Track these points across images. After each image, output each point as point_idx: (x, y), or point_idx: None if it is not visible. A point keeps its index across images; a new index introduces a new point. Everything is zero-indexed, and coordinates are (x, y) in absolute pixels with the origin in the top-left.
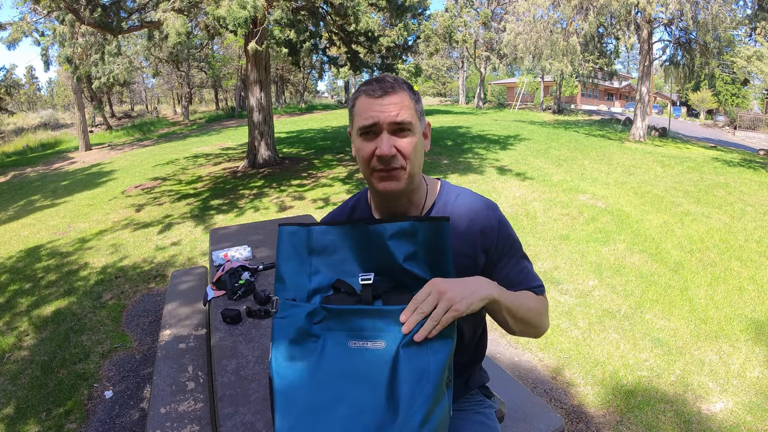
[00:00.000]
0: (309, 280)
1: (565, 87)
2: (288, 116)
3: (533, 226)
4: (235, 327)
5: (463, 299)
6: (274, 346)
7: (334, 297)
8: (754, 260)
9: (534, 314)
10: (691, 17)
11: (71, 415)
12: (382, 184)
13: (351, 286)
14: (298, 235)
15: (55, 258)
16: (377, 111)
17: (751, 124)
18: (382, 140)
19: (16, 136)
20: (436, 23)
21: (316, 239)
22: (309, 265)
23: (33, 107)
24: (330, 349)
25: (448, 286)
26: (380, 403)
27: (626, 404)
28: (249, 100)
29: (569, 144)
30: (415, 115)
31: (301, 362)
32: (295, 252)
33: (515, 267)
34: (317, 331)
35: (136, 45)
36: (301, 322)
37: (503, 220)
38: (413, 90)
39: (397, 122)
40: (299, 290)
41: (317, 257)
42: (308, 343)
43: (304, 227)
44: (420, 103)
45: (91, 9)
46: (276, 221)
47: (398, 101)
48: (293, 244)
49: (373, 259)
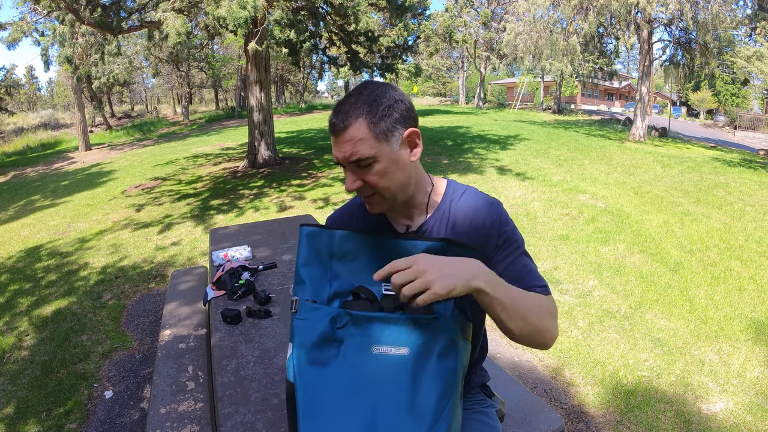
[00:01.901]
0: (329, 284)
1: (565, 87)
2: (288, 116)
3: (533, 226)
4: (235, 327)
5: (446, 283)
6: (295, 347)
7: (354, 303)
8: (754, 260)
9: (535, 314)
10: (691, 17)
11: (71, 415)
12: (366, 206)
13: (373, 293)
14: (320, 238)
15: (55, 258)
16: (336, 150)
17: (751, 124)
18: (347, 177)
19: (16, 136)
20: (436, 23)
21: (338, 245)
22: (329, 269)
23: (33, 107)
24: (353, 354)
25: (432, 263)
26: (403, 410)
27: (626, 404)
28: (249, 100)
29: (569, 144)
30: (374, 143)
31: (324, 366)
32: (317, 255)
33: (515, 263)
34: (340, 335)
35: (136, 45)
36: (324, 326)
37: (504, 217)
38: (375, 108)
39: (353, 161)
40: (319, 292)
41: (338, 262)
42: (331, 348)
43: (327, 231)
44: (388, 119)
45: (91, 9)
46: (276, 221)
47: (351, 137)
48: (315, 247)
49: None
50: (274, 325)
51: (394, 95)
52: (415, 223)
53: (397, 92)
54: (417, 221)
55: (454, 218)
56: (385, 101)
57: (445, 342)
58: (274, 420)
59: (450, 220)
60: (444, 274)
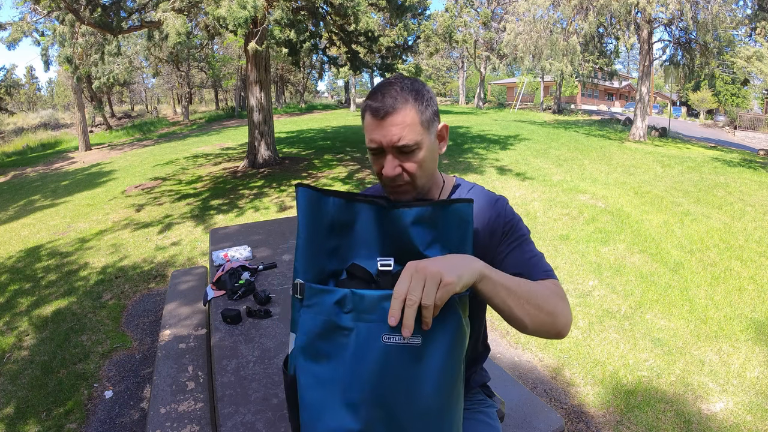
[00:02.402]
0: (328, 260)
1: (565, 87)
2: (288, 116)
3: (533, 226)
4: (235, 327)
5: (452, 271)
6: (299, 339)
7: (348, 282)
8: (754, 260)
9: (542, 297)
10: (691, 17)
11: (71, 415)
12: (393, 195)
13: (368, 272)
14: (321, 205)
15: (55, 258)
16: (379, 134)
17: (751, 124)
18: (386, 162)
19: (16, 136)
20: (436, 23)
21: (337, 213)
22: (327, 242)
23: (33, 107)
24: (362, 344)
25: (429, 262)
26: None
27: (626, 404)
28: (249, 100)
29: (569, 144)
30: (421, 129)
31: (330, 360)
32: (317, 226)
33: (519, 249)
34: (348, 322)
35: (136, 45)
36: (328, 313)
37: (509, 210)
38: (421, 97)
39: (399, 146)
40: (318, 272)
41: (336, 235)
42: (338, 337)
43: (326, 197)
44: (430, 109)
45: (91, 9)
46: (276, 221)
47: (400, 122)
48: (317, 214)
49: (392, 244)
50: (274, 325)
51: (430, 89)
52: None
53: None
54: None
55: None
56: (426, 93)
57: (454, 329)
58: (274, 420)
59: None
60: (447, 266)
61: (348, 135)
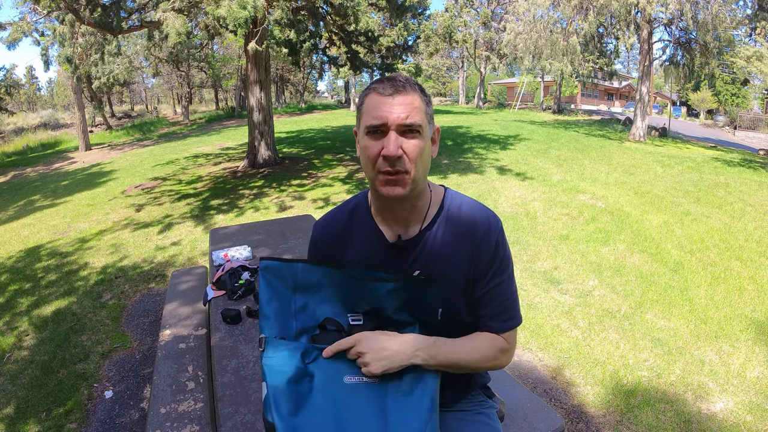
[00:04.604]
0: (295, 319)
1: (565, 87)
2: (288, 116)
3: (533, 226)
4: (235, 327)
5: (379, 363)
6: (269, 388)
7: (322, 336)
8: (754, 260)
9: (481, 359)
10: (691, 17)
11: (71, 415)
12: (386, 188)
13: (340, 324)
14: (281, 273)
15: (55, 258)
16: (386, 110)
17: (751, 124)
18: (390, 140)
19: (16, 136)
20: (436, 23)
21: (301, 277)
22: (293, 302)
23: (33, 107)
24: (326, 386)
25: (370, 346)
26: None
27: (626, 404)
28: (249, 100)
29: (569, 144)
30: (425, 118)
31: (302, 406)
32: (278, 291)
33: (498, 290)
34: (311, 369)
35: (136, 45)
36: (295, 363)
37: (502, 238)
38: (425, 92)
39: (406, 124)
40: (286, 327)
41: (302, 295)
42: (304, 383)
43: (289, 264)
44: (430, 107)
45: (91, 9)
46: (276, 221)
47: (409, 102)
48: (277, 283)
49: (363, 304)
50: None
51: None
52: (409, 233)
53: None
54: (411, 230)
55: (451, 232)
56: (427, 94)
57: (413, 367)
58: None
59: (446, 233)
60: (379, 357)
61: (348, 135)
